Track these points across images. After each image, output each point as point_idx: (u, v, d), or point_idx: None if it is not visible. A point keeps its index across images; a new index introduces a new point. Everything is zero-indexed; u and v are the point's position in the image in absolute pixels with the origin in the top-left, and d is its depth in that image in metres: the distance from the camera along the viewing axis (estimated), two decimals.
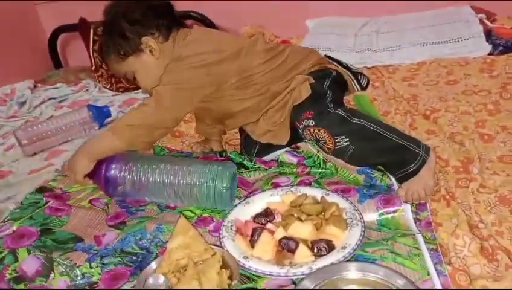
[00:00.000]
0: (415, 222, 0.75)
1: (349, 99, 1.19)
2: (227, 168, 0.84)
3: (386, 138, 0.83)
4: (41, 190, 0.94)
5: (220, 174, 0.82)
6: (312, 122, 0.85)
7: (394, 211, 0.77)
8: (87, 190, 0.94)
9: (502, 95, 1.15)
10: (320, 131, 0.84)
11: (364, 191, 0.81)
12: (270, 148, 0.99)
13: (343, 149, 0.84)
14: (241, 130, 1.08)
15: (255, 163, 0.98)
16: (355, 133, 0.83)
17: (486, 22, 1.60)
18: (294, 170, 0.94)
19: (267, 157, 1.00)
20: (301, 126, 0.87)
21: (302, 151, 0.97)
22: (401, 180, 0.85)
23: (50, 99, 1.68)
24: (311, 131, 0.85)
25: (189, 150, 1.12)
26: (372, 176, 0.87)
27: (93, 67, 1.79)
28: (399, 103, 1.25)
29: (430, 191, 0.83)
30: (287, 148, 0.98)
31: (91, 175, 0.89)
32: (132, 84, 1.54)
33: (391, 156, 0.84)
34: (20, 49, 2.08)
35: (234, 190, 0.87)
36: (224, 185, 0.82)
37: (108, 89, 1.74)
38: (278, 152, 0.99)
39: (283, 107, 0.92)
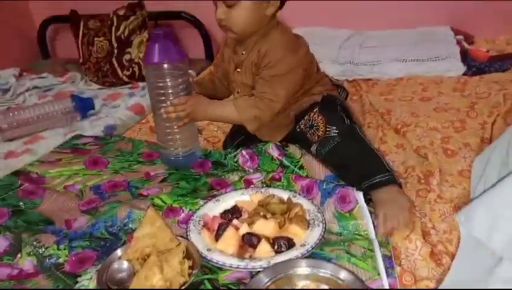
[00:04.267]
0: (371, 215, 0.79)
1: None
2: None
3: (367, 145, 0.94)
4: (17, 173, 0.96)
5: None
6: (316, 109, 0.97)
7: (350, 210, 0.80)
8: (63, 177, 0.96)
9: (469, 114, 1.21)
10: (319, 117, 0.95)
11: (324, 186, 0.85)
12: (254, 141, 1.04)
13: (329, 139, 0.93)
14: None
15: (236, 161, 1.00)
16: (345, 130, 0.94)
17: (464, 43, 1.67)
18: (270, 171, 0.97)
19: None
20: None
21: (287, 150, 1.00)
22: (367, 190, 0.86)
23: (35, 88, 1.69)
24: (311, 115, 0.96)
25: None
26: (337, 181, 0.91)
27: (81, 60, 1.81)
28: (373, 116, 1.30)
29: (408, 210, 0.81)
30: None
31: None
32: None
33: (366, 159, 0.91)
34: (8, 37, 2.08)
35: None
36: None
37: (95, 82, 1.76)
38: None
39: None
